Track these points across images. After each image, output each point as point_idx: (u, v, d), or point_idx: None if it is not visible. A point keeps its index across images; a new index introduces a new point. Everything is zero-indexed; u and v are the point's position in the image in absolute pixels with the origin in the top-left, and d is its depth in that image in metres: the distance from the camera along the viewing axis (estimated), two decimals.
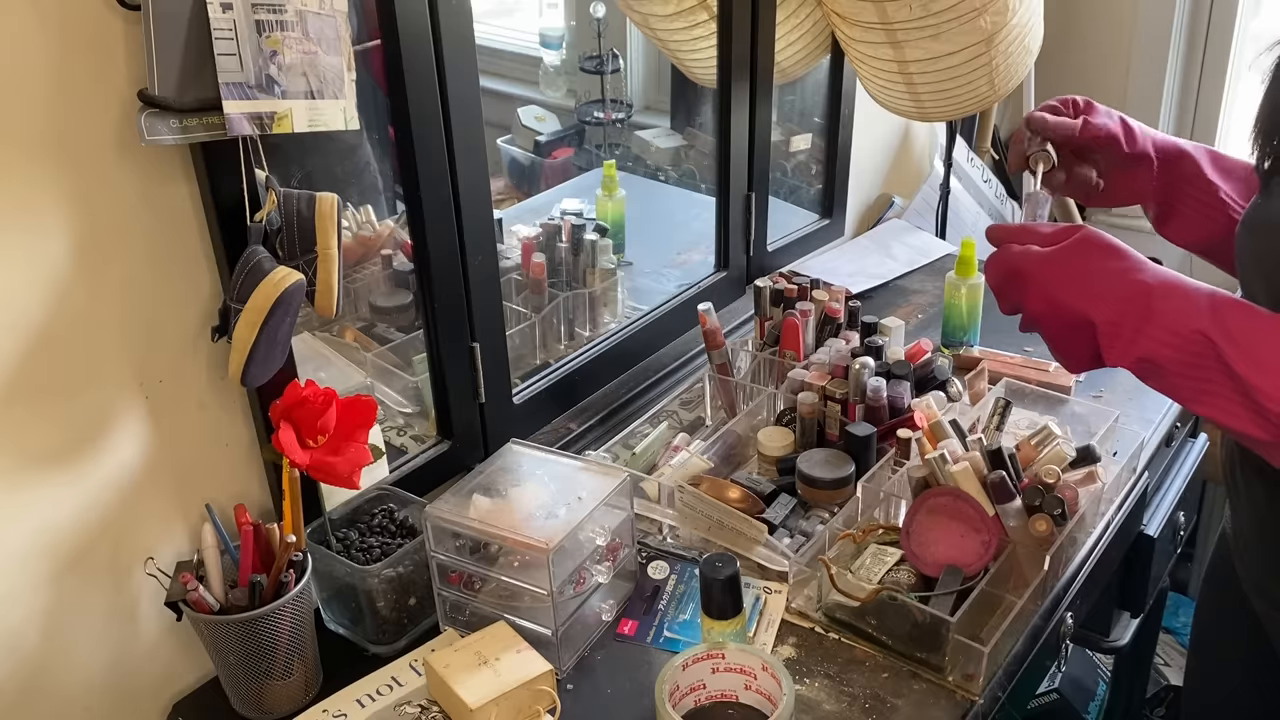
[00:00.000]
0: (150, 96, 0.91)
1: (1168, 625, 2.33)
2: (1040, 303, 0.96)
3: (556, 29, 2.02)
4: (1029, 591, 1.16)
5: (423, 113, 1.17)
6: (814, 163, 2.01)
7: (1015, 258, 0.97)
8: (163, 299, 1.04)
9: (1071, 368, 0.99)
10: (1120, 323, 0.91)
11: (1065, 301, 0.93)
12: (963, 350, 1.62)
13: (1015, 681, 1.15)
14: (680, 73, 1.88)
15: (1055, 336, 0.97)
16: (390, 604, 1.16)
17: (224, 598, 1.06)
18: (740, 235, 1.78)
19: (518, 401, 1.43)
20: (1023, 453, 1.27)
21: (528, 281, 1.64)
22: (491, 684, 1.05)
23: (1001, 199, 2.40)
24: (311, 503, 1.16)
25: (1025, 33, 1.63)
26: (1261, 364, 0.85)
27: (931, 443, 1.23)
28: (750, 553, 1.27)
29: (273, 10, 0.95)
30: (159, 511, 1.10)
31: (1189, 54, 2.34)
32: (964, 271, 1.60)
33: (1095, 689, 2.11)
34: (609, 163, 1.82)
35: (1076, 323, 0.93)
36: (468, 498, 1.16)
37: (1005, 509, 1.17)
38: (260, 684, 1.09)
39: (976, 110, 1.76)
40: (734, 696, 1.06)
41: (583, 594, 1.16)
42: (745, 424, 1.46)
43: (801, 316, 1.49)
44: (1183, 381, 0.90)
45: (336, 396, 1.07)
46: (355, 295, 1.38)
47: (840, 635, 1.17)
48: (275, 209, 1.02)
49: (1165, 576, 1.73)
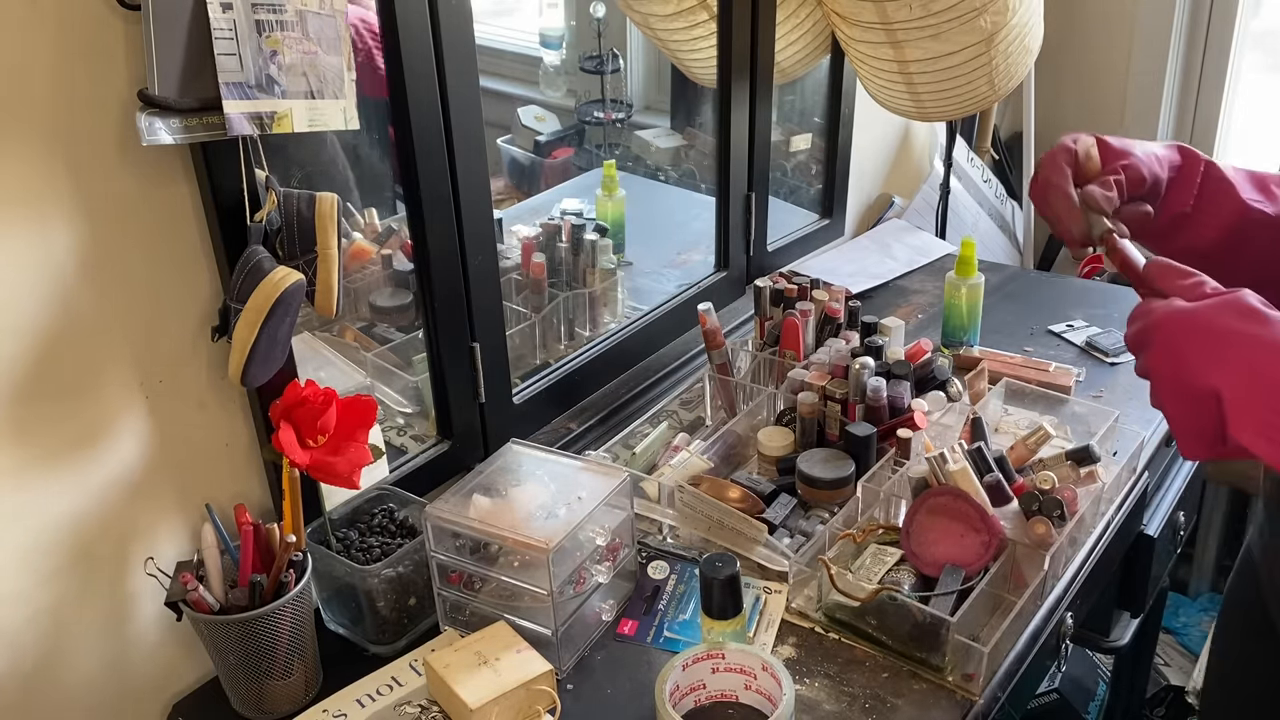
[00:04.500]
0: (150, 97, 0.91)
1: (1168, 625, 2.33)
2: (1163, 360, 0.82)
3: (556, 29, 2.02)
4: (1029, 591, 1.16)
5: (423, 113, 1.17)
6: (814, 163, 2.01)
7: (1152, 306, 0.84)
8: (163, 299, 1.04)
9: (1189, 450, 0.84)
10: (1248, 400, 0.77)
11: (1190, 362, 0.80)
12: (963, 350, 1.62)
13: (1015, 681, 1.15)
14: (680, 73, 1.88)
15: (1173, 403, 0.83)
16: (390, 604, 1.16)
17: (224, 598, 1.06)
18: (740, 235, 1.78)
19: (518, 401, 1.43)
20: (1016, 452, 1.28)
21: (528, 281, 1.64)
22: (491, 684, 1.05)
23: (1001, 199, 2.40)
24: (311, 503, 1.16)
25: (1025, 33, 1.63)
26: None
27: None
28: (750, 553, 1.27)
29: (273, 10, 0.95)
30: (159, 511, 1.10)
31: (1189, 54, 2.34)
32: (964, 271, 1.60)
33: (1095, 689, 2.11)
34: (609, 163, 1.82)
35: (1199, 392, 0.80)
36: (468, 498, 1.16)
37: (1002, 511, 1.17)
38: (260, 684, 1.09)
39: (976, 110, 1.76)
40: (734, 696, 1.06)
41: (583, 594, 1.16)
42: (745, 424, 1.46)
43: (801, 316, 1.49)
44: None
45: (336, 396, 1.07)
46: (355, 295, 1.38)
47: (840, 635, 1.17)
48: (275, 209, 1.02)
49: (1165, 576, 1.73)
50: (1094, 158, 1.00)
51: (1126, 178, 0.98)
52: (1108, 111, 2.43)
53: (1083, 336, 1.72)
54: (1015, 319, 1.80)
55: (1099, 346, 1.69)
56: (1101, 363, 1.66)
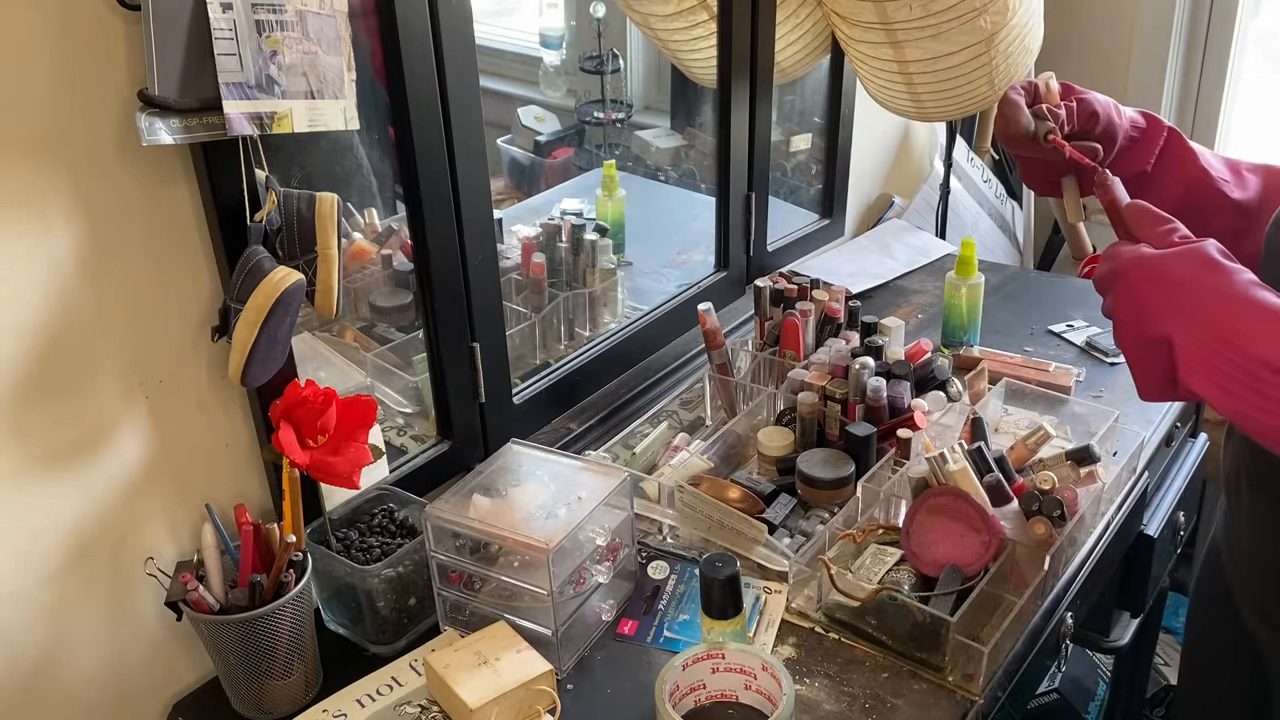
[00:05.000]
0: (150, 96, 0.91)
1: (1168, 625, 2.33)
2: (1123, 304, 0.88)
3: (556, 29, 2.02)
4: (1029, 591, 1.16)
5: (423, 113, 1.17)
6: (814, 163, 2.01)
7: (1120, 250, 0.89)
8: (163, 299, 1.04)
9: (1144, 391, 0.89)
10: (1198, 347, 0.82)
11: (1147, 307, 0.85)
12: (963, 350, 1.62)
13: (1015, 681, 1.15)
14: (680, 73, 1.88)
15: (1130, 345, 0.88)
16: (390, 604, 1.16)
17: (224, 598, 1.06)
18: (740, 235, 1.78)
19: (518, 401, 1.43)
20: (1016, 452, 1.28)
21: (528, 281, 1.64)
22: (491, 684, 1.05)
23: (1001, 199, 2.40)
24: (311, 503, 1.16)
25: (1025, 33, 1.63)
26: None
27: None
28: (750, 553, 1.27)
29: (273, 10, 0.95)
30: (159, 511, 1.10)
31: (1189, 54, 2.34)
32: (964, 271, 1.60)
33: (1095, 689, 2.11)
34: (609, 163, 1.82)
35: (1154, 337, 0.85)
36: (468, 498, 1.16)
37: (1002, 511, 1.17)
38: (260, 684, 1.09)
39: (976, 110, 1.76)
40: (734, 696, 1.06)
41: (583, 594, 1.16)
42: (745, 424, 1.46)
43: (801, 316, 1.49)
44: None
45: (336, 396, 1.07)
46: (355, 295, 1.38)
47: (840, 635, 1.17)
48: (275, 209, 1.02)
49: (1165, 576, 1.73)
50: (1054, 89, 1.09)
51: (1079, 109, 1.07)
52: None
53: (1083, 336, 1.72)
54: (1015, 319, 1.80)
55: (1099, 346, 1.69)
56: (1101, 363, 1.66)
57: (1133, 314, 0.87)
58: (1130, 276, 0.87)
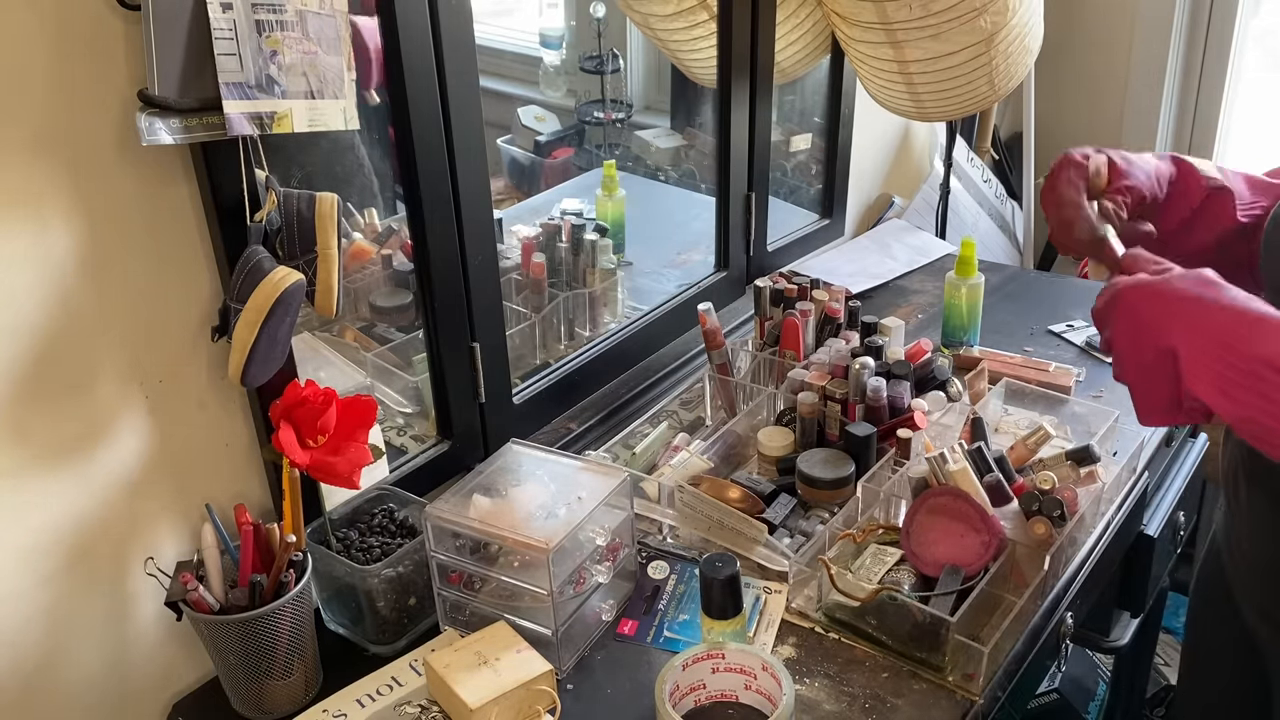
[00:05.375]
0: (150, 96, 0.91)
1: (1168, 625, 2.33)
2: (1123, 326, 0.89)
3: (556, 29, 2.02)
4: (1029, 591, 1.16)
5: (423, 113, 1.17)
6: (814, 163, 2.01)
7: (1116, 281, 0.91)
8: (163, 299, 1.04)
9: (1147, 415, 0.90)
10: (1201, 354, 0.83)
11: (1147, 323, 0.86)
12: (963, 350, 1.62)
13: (1015, 681, 1.15)
14: (680, 73, 1.88)
15: (1133, 367, 0.89)
16: (390, 604, 1.16)
17: (224, 598, 1.06)
18: (740, 235, 1.78)
19: (518, 401, 1.43)
20: (1016, 452, 1.28)
21: (528, 281, 1.64)
22: (491, 684, 1.05)
23: (1001, 199, 2.40)
24: (311, 503, 1.16)
25: (1025, 33, 1.63)
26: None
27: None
28: (750, 553, 1.27)
29: (273, 10, 0.95)
30: (159, 511, 1.10)
31: (1189, 54, 2.34)
32: (964, 271, 1.60)
33: (1095, 689, 2.11)
34: (609, 163, 1.82)
35: (1157, 351, 0.86)
36: (468, 498, 1.16)
37: (1002, 511, 1.17)
38: (260, 684, 1.09)
39: (976, 110, 1.76)
40: (734, 696, 1.06)
41: (583, 594, 1.16)
42: (745, 424, 1.46)
43: (801, 316, 1.49)
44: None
45: (336, 396, 1.07)
46: (355, 295, 1.38)
47: (840, 635, 1.17)
48: (275, 209, 1.02)
49: (1165, 576, 1.73)
50: (1103, 175, 1.06)
51: (1131, 200, 1.06)
52: (1107, 111, 2.43)
53: (1083, 336, 1.72)
54: (1015, 319, 1.80)
55: (1099, 346, 1.69)
56: (1101, 363, 1.65)
57: (1134, 334, 0.88)
58: (1129, 298, 0.89)
